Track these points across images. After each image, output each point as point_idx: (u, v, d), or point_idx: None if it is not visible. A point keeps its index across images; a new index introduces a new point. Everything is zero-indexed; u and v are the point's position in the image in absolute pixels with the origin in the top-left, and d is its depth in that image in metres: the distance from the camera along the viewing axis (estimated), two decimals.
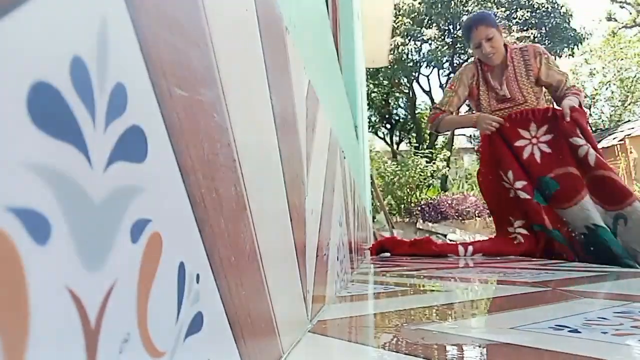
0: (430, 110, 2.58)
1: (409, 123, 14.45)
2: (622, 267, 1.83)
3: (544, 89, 2.43)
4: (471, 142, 15.28)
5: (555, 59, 2.47)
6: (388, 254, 2.52)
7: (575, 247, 2.10)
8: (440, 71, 13.31)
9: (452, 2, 11.82)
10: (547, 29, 11.67)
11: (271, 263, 0.46)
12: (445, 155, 11.21)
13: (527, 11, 11.61)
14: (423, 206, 8.52)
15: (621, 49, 14.39)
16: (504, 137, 2.29)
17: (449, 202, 8.57)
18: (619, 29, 15.41)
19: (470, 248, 2.32)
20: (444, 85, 13.32)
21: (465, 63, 2.60)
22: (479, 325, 0.69)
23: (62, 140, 0.19)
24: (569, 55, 11.89)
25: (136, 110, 0.24)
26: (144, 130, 0.24)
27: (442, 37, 12.24)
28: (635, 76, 14.16)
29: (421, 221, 8.26)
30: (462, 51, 12.18)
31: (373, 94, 12.94)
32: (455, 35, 12.28)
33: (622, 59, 14.23)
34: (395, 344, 0.55)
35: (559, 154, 2.17)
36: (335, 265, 0.98)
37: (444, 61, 12.40)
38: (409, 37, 11.81)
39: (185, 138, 0.29)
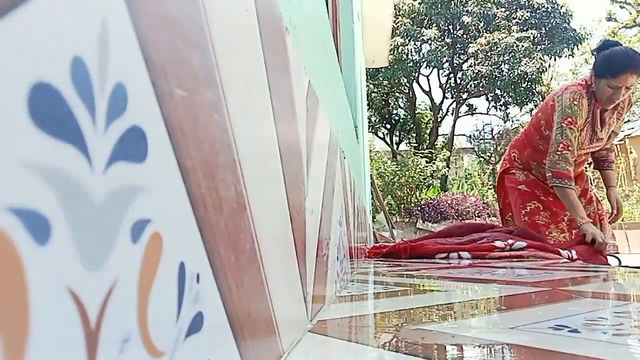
0: (561, 145, 2.20)
1: (409, 123, 14.45)
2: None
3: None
4: (471, 142, 15.28)
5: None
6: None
7: None
8: (440, 71, 13.31)
9: (452, 3, 11.83)
10: (547, 29, 11.67)
11: (271, 263, 0.46)
12: (445, 155, 11.22)
13: (527, 11, 11.61)
14: (423, 206, 8.52)
15: None
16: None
17: (449, 202, 8.57)
18: (619, 29, 15.41)
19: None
20: (444, 86, 13.33)
21: (574, 92, 2.21)
22: (479, 325, 0.69)
23: (62, 141, 0.19)
24: (569, 55, 11.88)
25: (136, 110, 0.24)
26: (144, 131, 0.24)
27: (442, 38, 12.24)
28: None
29: (421, 221, 8.26)
30: (462, 51, 12.18)
31: (373, 94, 12.94)
32: (455, 36, 12.28)
33: None
34: (395, 344, 0.55)
35: None
36: (335, 265, 0.98)
37: (443, 61, 12.40)
38: (409, 38, 11.82)
39: (186, 138, 0.29)
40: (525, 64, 10.97)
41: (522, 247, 2.13)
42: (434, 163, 9.67)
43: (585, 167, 2.50)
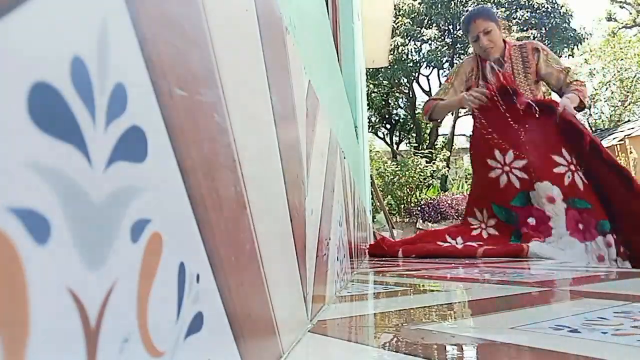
0: (425, 103, 2.61)
1: (409, 123, 14.45)
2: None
3: (542, 87, 2.42)
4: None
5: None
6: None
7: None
8: (440, 71, 13.32)
9: (452, 3, 11.83)
10: (547, 29, 11.68)
11: (271, 263, 0.46)
12: (444, 155, 11.22)
13: (527, 11, 11.62)
14: (423, 206, 8.52)
15: (621, 49, 14.37)
16: (503, 113, 2.26)
17: (449, 202, 8.58)
18: (619, 29, 15.40)
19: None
20: None
21: (465, 57, 2.65)
22: (479, 325, 0.69)
23: (62, 141, 0.19)
24: (569, 55, 11.89)
25: (136, 110, 0.24)
26: (144, 131, 0.24)
27: (442, 38, 12.24)
28: (635, 76, 14.14)
29: (421, 221, 8.26)
30: (462, 51, 12.18)
31: (373, 94, 12.94)
32: (455, 36, 12.28)
33: (622, 59, 14.21)
34: (395, 344, 0.55)
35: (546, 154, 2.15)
36: (335, 265, 0.98)
37: (443, 61, 12.41)
38: (409, 38, 11.82)
39: (186, 138, 0.29)
40: None
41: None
42: (433, 163, 9.67)
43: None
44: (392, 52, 10.74)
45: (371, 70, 10.77)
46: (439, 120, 2.66)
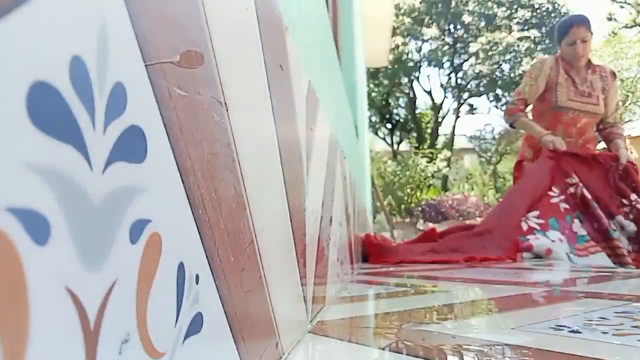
0: (510, 98, 2.59)
1: (410, 123, 14.45)
2: None
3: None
4: (471, 142, 15.27)
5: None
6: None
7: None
8: (441, 70, 13.32)
9: (453, 2, 11.83)
10: (548, 28, 11.68)
11: (271, 263, 0.46)
12: (445, 155, 11.22)
13: (528, 11, 11.62)
14: (424, 206, 8.53)
15: (621, 49, 14.36)
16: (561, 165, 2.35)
17: (450, 202, 8.58)
18: (619, 29, 15.39)
19: None
20: (445, 85, 13.33)
21: (543, 57, 2.67)
22: (479, 326, 0.69)
23: (62, 141, 0.19)
24: None
25: (136, 110, 0.24)
26: (144, 131, 0.24)
27: (442, 37, 12.25)
28: (635, 76, 14.12)
29: (422, 221, 8.26)
30: (463, 51, 12.18)
31: (373, 94, 12.94)
32: (456, 35, 12.28)
33: (622, 59, 14.20)
34: (395, 345, 0.55)
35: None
36: (335, 265, 0.98)
37: (444, 60, 12.41)
38: (409, 37, 11.82)
39: (185, 138, 0.29)
40: (526, 63, 10.98)
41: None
42: (434, 163, 9.68)
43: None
44: (392, 52, 10.74)
45: (371, 70, 10.77)
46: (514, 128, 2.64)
